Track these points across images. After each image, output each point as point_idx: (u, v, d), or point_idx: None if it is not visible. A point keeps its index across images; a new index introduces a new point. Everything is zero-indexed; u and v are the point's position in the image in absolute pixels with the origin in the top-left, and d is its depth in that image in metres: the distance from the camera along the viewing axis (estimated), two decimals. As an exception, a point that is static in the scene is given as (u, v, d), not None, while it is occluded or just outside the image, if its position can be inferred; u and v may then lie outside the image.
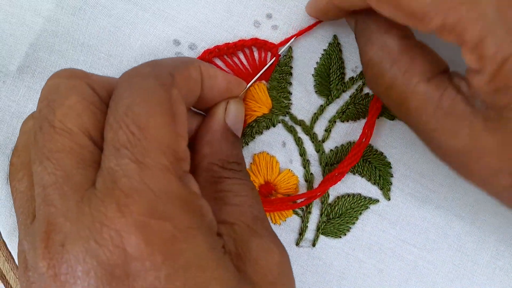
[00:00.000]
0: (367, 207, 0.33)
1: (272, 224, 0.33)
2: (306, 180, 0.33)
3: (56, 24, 0.33)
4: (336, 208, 0.33)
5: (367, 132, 0.32)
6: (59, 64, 0.33)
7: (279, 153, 0.33)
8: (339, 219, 0.33)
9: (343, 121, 0.33)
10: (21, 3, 0.33)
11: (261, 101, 0.33)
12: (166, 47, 0.33)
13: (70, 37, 0.33)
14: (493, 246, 0.33)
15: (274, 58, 0.33)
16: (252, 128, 0.33)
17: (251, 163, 0.33)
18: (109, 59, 0.33)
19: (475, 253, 0.33)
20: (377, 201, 0.33)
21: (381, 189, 0.33)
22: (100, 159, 0.23)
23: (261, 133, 0.33)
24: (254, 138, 0.33)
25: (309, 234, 0.34)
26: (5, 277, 0.34)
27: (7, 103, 0.34)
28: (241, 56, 0.34)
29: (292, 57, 0.33)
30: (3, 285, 0.34)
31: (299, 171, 0.33)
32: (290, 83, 0.33)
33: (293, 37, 0.33)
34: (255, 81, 0.33)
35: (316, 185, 0.33)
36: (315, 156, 0.33)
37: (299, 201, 0.33)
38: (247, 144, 0.33)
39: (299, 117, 0.33)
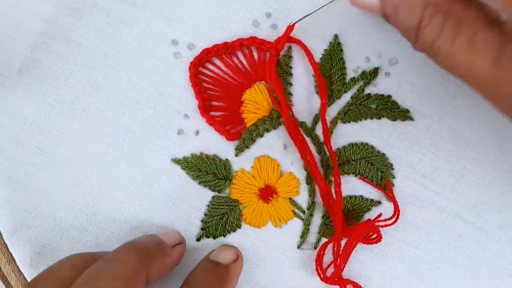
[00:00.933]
0: (369, 209, 0.33)
1: (273, 227, 0.33)
2: (307, 183, 0.33)
3: (54, 25, 0.33)
4: (337, 210, 0.33)
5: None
6: (56, 65, 0.33)
7: (280, 156, 0.33)
8: (340, 221, 0.33)
9: (344, 122, 0.33)
10: (20, 5, 0.33)
11: (262, 102, 0.33)
12: (164, 47, 0.33)
13: (67, 38, 0.33)
14: (494, 247, 0.33)
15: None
16: (253, 131, 0.33)
17: (251, 167, 0.33)
18: (106, 60, 0.33)
19: (476, 254, 0.33)
20: (379, 203, 0.33)
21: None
22: None
23: (262, 135, 0.33)
24: (255, 141, 0.33)
25: (311, 236, 0.33)
26: (6, 279, 0.34)
27: (6, 105, 0.34)
28: (240, 56, 0.33)
29: (291, 57, 0.33)
30: (4, 287, 0.34)
31: (300, 174, 0.33)
32: (291, 84, 0.33)
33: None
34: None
35: (316, 187, 0.33)
36: (316, 158, 0.33)
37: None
38: (248, 148, 0.33)
39: (300, 118, 0.33)
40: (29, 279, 0.34)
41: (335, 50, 0.33)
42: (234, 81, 0.33)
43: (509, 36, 0.24)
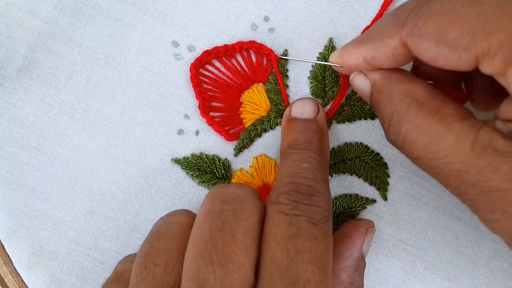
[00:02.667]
0: (364, 207, 0.33)
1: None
2: (304, 181, 0.33)
3: (54, 25, 0.33)
4: (334, 209, 0.33)
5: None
6: (57, 66, 0.33)
7: (277, 156, 0.33)
8: (336, 219, 0.33)
9: (339, 123, 0.33)
10: (19, 5, 0.33)
11: (260, 103, 0.33)
12: (164, 49, 0.33)
13: (68, 38, 0.33)
14: (491, 246, 0.33)
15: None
16: (252, 132, 0.33)
17: (250, 166, 0.33)
18: (107, 60, 0.33)
19: (472, 252, 0.33)
20: (374, 201, 0.33)
21: (378, 190, 0.33)
22: None
23: (260, 136, 0.34)
24: (253, 141, 0.33)
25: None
26: (3, 280, 0.34)
27: (5, 106, 0.34)
28: (239, 58, 0.34)
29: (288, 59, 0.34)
30: (1, 288, 0.34)
31: (297, 173, 0.33)
32: (287, 85, 0.34)
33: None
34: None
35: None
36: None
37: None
38: (247, 148, 0.33)
39: (297, 119, 0.33)
40: (26, 281, 0.33)
41: (329, 53, 0.33)
42: (233, 82, 0.34)
43: (480, 127, 0.24)
